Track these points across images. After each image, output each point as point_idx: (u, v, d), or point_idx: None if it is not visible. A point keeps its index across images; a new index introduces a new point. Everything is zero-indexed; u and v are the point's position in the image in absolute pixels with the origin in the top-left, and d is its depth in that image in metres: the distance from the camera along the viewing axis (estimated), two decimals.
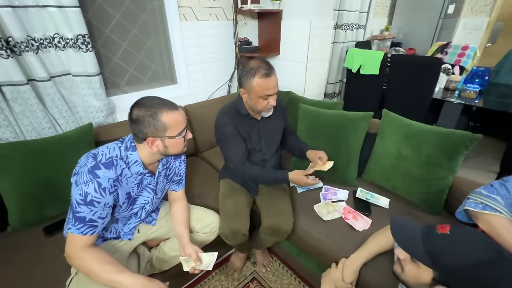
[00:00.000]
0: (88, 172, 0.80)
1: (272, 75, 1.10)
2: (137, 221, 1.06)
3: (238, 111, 1.24)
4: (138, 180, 0.94)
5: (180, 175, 1.14)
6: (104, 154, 0.85)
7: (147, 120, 0.81)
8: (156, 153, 0.90)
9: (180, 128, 0.87)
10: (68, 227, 0.82)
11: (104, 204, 0.82)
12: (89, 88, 1.38)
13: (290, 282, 1.41)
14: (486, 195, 0.88)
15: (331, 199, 1.35)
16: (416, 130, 1.27)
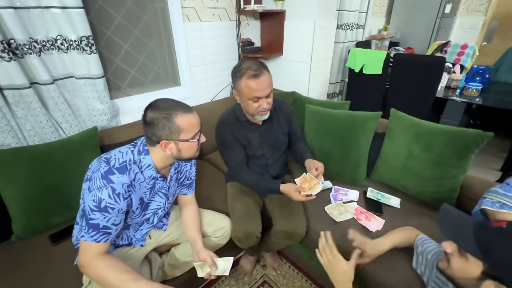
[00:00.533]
0: (102, 178, 0.77)
1: (262, 76, 1.04)
2: (149, 227, 1.04)
3: (237, 117, 1.23)
4: (150, 185, 0.92)
5: (190, 178, 1.11)
6: (117, 158, 0.82)
7: (162, 122, 0.79)
8: (169, 156, 0.87)
9: (195, 131, 0.85)
10: (81, 235, 0.79)
11: (118, 210, 0.80)
12: (93, 91, 1.35)
13: (302, 285, 1.39)
14: (503, 194, 0.87)
15: (341, 199, 1.34)
16: (426, 129, 1.27)
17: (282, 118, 1.30)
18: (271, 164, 1.32)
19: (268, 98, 1.10)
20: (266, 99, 1.09)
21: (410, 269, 0.98)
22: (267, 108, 1.11)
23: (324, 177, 1.48)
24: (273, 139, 1.29)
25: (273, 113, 1.25)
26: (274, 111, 1.26)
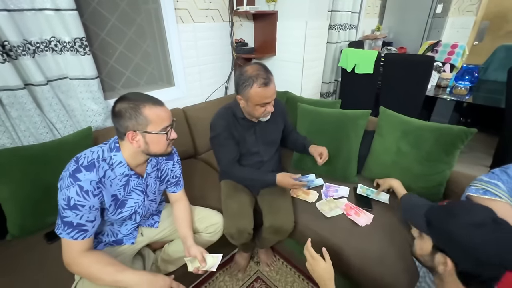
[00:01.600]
0: (69, 176, 0.78)
1: (271, 84, 1.08)
2: (134, 224, 1.04)
3: (234, 113, 1.24)
4: (123, 182, 0.91)
5: (176, 176, 1.11)
6: (86, 157, 0.83)
7: (129, 112, 0.79)
8: (138, 150, 0.87)
9: (163, 125, 0.85)
10: (59, 232, 0.81)
11: (89, 207, 0.80)
12: (87, 92, 1.37)
13: (294, 280, 1.42)
14: (487, 181, 0.91)
15: (332, 196, 1.37)
16: (414, 126, 1.30)
17: (278, 116, 1.33)
18: (266, 161, 1.34)
19: (273, 101, 1.15)
20: (271, 103, 1.14)
21: (398, 261, 1.02)
22: (271, 111, 1.17)
23: (316, 174, 1.53)
24: (268, 136, 1.32)
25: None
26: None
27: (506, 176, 0.89)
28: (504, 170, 0.91)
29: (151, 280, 0.82)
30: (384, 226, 1.17)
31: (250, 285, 1.40)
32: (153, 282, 0.82)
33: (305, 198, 1.38)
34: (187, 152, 1.81)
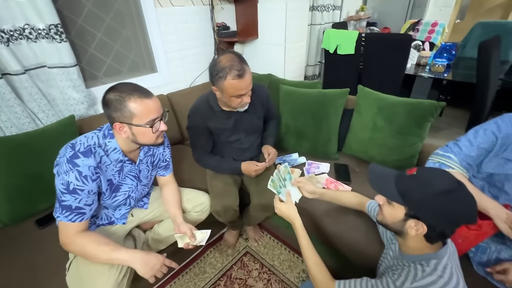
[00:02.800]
0: (67, 162, 0.81)
1: (245, 75, 1.04)
2: (128, 208, 1.09)
3: (210, 106, 1.23)
4: (118, 168, 0.95)
5: (166, 160, 1.16)
6: (82, 143, 0.85)
7: (114, 104, 0.81)
8: (128, 140, 0.89)
9: (149, 118, 0.85)
10: (57, 216, 0.84)
11: (88, 191, 0.84)
12: (67, 80, 1.36)
13: (281, 252, 1.51)
14: (442, 155, 0.99)
15: (314, 172, 1.44)
16: (389, 102, 1.36)
17: (258, 104, 1.30)
18: (247, 148, 1.37)
19: (250, 92, 1.12)
20: (248, 93, 1.11)
21: (372, 228, 1.10)
22: (248, 102, 1.14)
23: (299, 153, 1.59)
24: (249, 125, 1.32)
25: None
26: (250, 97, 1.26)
27: (458, 148, 0.96)
28: (456, 143, 0.98)
29: (145, 258, 0.86)
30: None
31: (239, 259, 1.48)
32: (146, 260, 0.86)
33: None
34: (174, 138, 1.83)
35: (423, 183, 0.62)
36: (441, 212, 0.59)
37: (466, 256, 0.96)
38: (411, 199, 0.62)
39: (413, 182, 0.63)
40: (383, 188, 0.69)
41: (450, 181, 0.60)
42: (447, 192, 0.58)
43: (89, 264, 0.89)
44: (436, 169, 0.68)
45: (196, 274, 1.41)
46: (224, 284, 1.35)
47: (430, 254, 0.64)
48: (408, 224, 0.63)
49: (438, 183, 0.60)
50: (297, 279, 1.36)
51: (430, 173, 0.65)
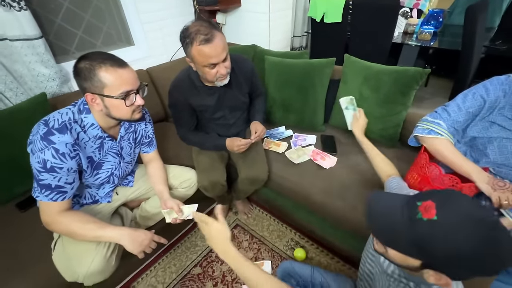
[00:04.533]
0: (42, 139, 0.76)
1: (214, 40, 0.95)
2: (112, 186, 1.06)
3: (192, 82, 1.17)
4: (98, 144, 0.91)
5: (148, 136, 1.12)
6: (56, 119, 0.80)
7: (84, 73, 0.76)
8: (103, 114, 0.84)
9: (122, 89, 0.79)
10: (36, 195, 0.81)
11: (67, 169, 0.80)
12: (33, 54, 1.25)
13: (270, 223, 1.55)
14: (431, 121, 0.99)
15: (301, 144, 1.44)
16: (374, 71, 1.34)
17: (241, 78, 1.24)
18: (232, 123, 1.34)
19: (225, 62, 1.04)
20: (223, 63, 1.02)
21: (356, 196, 1.13)
22: (225, 73, 1.06)
23: (286, 126, 1.58)
24: (233, 101, 1.27)
25: (231, 74, 1.17)
26: (232, 72, 1.18)
27: (446, 114, 0.97)
28: (445, 108, 0.98)
29: (133, 234, 0.86)
30: (346, 167, 1.28)
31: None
32: (134, 236, 0.86)
33: (276, 149, 1.44)
34: (157, 115, 1.77)
35: (448, 234, 0.44)
36: (474, 269, 0.44)
37: None
38: (432, 255, 0.46)
39: (434, 232, 0.45)
40: (390, 239, 0.51)
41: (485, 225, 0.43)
42: (482, 243, 0.42)
43: (75, 242, 0.88)
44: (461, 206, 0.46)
45: (188, 247, 1.43)
46: (216, 255, 1.39)
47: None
48: (426, 272, 0.49)
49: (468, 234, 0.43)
50: (285, 247, 1.42)
51: (454, 214, 0.45)
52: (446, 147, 0.94)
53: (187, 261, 1.36)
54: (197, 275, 1.30)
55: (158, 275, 1.31)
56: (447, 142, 0.95)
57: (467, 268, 0.45)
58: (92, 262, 0.85)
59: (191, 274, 1.31)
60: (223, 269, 1.32)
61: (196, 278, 1.29)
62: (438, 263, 0.46)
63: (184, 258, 1.38)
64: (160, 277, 1.30)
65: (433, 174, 0.95)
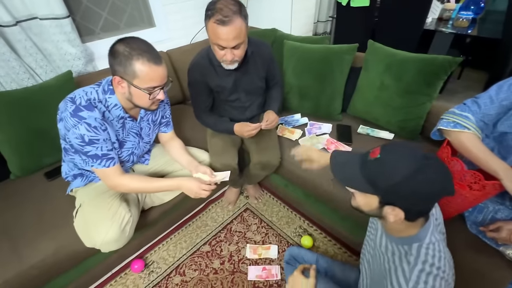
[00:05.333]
0: (72, 116, 0.81)
1: (229, 25, 0.93)
2: (130, 164, 1.13)
3: (210, 60, 1.16)
4: (120, 124, 0.95)
5: (166, 117, 1.16)
6: (81, 97, 0.84)
7: (120, 58, 0.78)
8: (124, 96, 0.88)
9: (151, 84, 0.82)
10: (91, 165, 0.89)
11: (103, 139, 0.87)
12: (60, 33, 1.31)
13: (280, 210, 1.57)
14: (459, 114, 0.92)
15: (315, 133, 1.41)
16: (399, 58, 1.26)
17: (259, 63, 1.22)
18: (247, 106, 1.34)
19: (236, 50, 1.02)
20: (232, 50, 1.01)
21: None
22: (230, 60, 1.04)
23: (301, 114, 1.56)
24: (249, 85, 1.26)
25: (250, 57, 1.18)
26: (251, 56, 1.18)
27: (476, 107, 0.89)
28: (475, 101, 0.90)
29: (186, 185, 0.98)
30: None
31: (239, 215, 1.55)
32: (188, 187, 0.98)
33: (289, 136, 1.42)
34: (175, 98, 1.80)
35: (388, 168, 0.55)
36: (414, 195, 0.54)
37: (461, 215, 0.96)
38: (381, 188, 0.56)
39: (379, 168, 0.57)
40: (350, 179, 0.62)
41: (415, 158, 0.54)
42: (414, 172, 0.52)
43: (94, 212, 0.95)
44: (399, 147, 0.58)
45: (199, 226, 1.49)
46: (225, 235, 1.43)
47: (411, 238, 0.61)
48: (385, 210, 0.59)
49: (403, 165, 0.54)
50: (293, 233, 1.43)
51: (394, 153, 0.57)
52: (473, 142, 0.88)
53: (197, 239, 1.42)
54: (206, 252, 1.36)
55: (170, 249, 1.38)
56: (474, 136, 0.88)
57: (409, 194, 0.54)
58: (109, 231, 0.92)
59: (200, 251, 1.37)
60: (231, 249, 1.37)
61: (205, 256, 1.34)
62: (388, 194, 0.56)
63: (195, 236, 1.44)
64: (171, 251, 1.37)
65: (454, 169, 0.90)
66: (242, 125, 1.21)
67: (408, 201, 0.55)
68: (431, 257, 0.57)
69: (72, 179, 1.06)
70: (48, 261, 0.97)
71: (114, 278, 1.26)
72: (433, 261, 0.57)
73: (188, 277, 1.26)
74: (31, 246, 0.97)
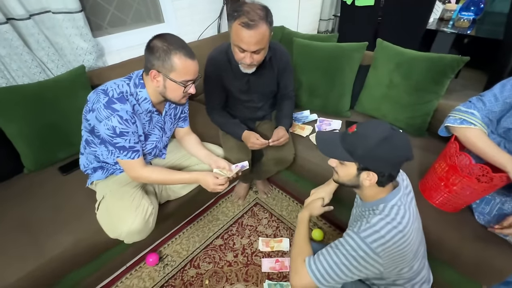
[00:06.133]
0: (105, 108, 0.83)
1: (254, 29, 0.94)
2: (151, 157, 1.15)
3: (229, 58, 1.17)
4: (148, 117, 0.99)
5: (184, 112, 1.19)
6: (114, 89, 0.87)
7: (159, 52, 0.82)
8: (156, 91, 0.91)
9: (186, 77, 0.87)
10: (117, 156, 0.92)
11: (132, 132, 0.90)
12: (73, 28, 1.31)
13: (289, 204, 1.60)
14: (465, 111, 0.97)
15: (325, 129, 1.45)
16: (408, 57, 1.30)
17: (275, 68, 1.24)
18: (260, 107, 1.36)
19: (256, 55, 1.03)
20: (252, 54, 1.02)
21: None
22: (248, 63, 1.05)
23: (310, 110, 1.59)
24: (262, 88, 1.28)
25: (267, 62, 1.19)
26: (269, 61, 1.20)
27: (481, 104, 0.94)
28: (480, 98, 0.95)
29: (203, 180, 1.02)
30: None
31: (250, 209, 1.58)
32: (204, 182, 1.02)
33: (300, 132, 1.46)
34: None
35: (363, 137, 0.67)
36: (384, 158, 0.66)
37: (468, 207, 1.01)
38: (358, 154, 0.68)
39: (356, 139, 0.68)
40: (333, 151, 0.73)
41: (384, 129, 0.66)
42: (384, 140, 0.64)
43: (118, 204, 0.97)
44: (372, 122, 0.71)
45: (210, 221, 1.52)
46: (236, 229, 1.46)
47: (381, 199, 0.72)
48: (361, 177, 0.70)
49: (375, 134, 0.66)
50: None
51: (367, 126, 0.69)
52: (479, 137, 0.92)
53: (209, 233, 1.45)
54: (219, 246, 1.38)
55: (183, 243, 1.40)
56: (480, 132, 0.93)
57: (381, 157, 0.66)
58: (133, 222, 0.93)
59: (213, 244, 1.39)
60: (243, 242, 1.39)
61: (218, 249, 1.37)
62: (364, 159, 0.68)
63: (207, 230, 1.46)
64: (184, 245, 1.39)
65: (463, 164, 0.94)
66: (250, 135, 1.21)
67: (379, 165, 0.67)
68: (394, 213, 0.67)
69: (92, 172, 1.07)
70: (68, 254, 0.98)
71: (130, 271, 1.28)
72: (394, 216, 0.66)
73: (202, 269, 1.28)
74: (51, 239, 0.97)
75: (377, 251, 0.63)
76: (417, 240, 0.70)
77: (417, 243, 0.71)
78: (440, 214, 1.01)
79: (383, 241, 0.63)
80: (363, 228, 0.66)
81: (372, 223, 0.66)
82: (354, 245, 0.66)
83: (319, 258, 0.71)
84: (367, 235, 0.64)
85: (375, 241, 0.63)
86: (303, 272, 0.71)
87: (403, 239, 0.64)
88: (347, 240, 0.68)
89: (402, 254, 0.65)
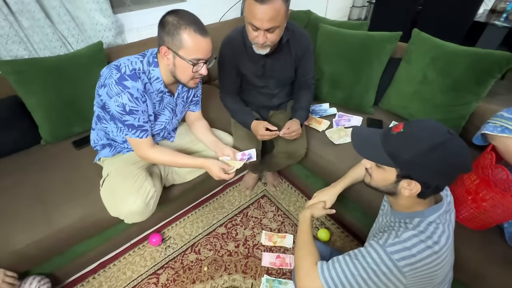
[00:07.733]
0: (117, 84, 0.82)
1: (264, 5, 0.86)
2: (160, 139, 1.14)
3: (244, 41, 1.10)
4: (159, 98, 0.96)
5: (197, 95, 1.16)
6: (127, 65, 0.85)
7: (169, 27, 0.79)
8: (168, 69, 0.88)
9: (196, 55, 0.82)
10: (125, 134, 0.91)
11: (142, 111, 0.88)
12: (93, 2, 1.30)
13: (297, 200, 1.54)
14: (508, 117, 0.84)
15: (344, 125, 1.35)
16: (447, 51, 1.16)
17: (293, 52, 1.15)
18: (275, 94, 1.29)
19: (269, 34, 0.95)
20: (265, 33, 0.94)
21: None
22: (261, 43, 0.97)
23: (330, 104, 1.49)
24: (279, 74, 1.20)
25: (284, 45, 1.12)
26: (286, 44, 1.12)
27: None
28: None
29: (208, 167, 0.99)
30: None
31: (256, 200, 1.54)
32: (210, 169, 0.99)
33: (316, 126, 1.37)
34: None
35: (411, 140, 0.57)
36: (434, 168, 0.55)
37: (499, 227, 0.89)
38: (402, 160, 0.57)
39: (402, 141, 0.58)
40: (371, 152, 0.63)
41: (439, 133, 0.55)
42: (438, 146, 0.54)
43: (121, 183, 0.97)
44: (423, 122, 0.59)
45: (215, 208, 1.50)
46: (241, 220, 1.44)
47: (416, 212, 0.63)
48: (401, 185, 0.60)
49: (427, 138, 0.55)
50: None
51: (418, 127, 0.58)
52: None
53: (213, 220, 1.44)
54: (221, 234, 1.37)
55: (186, 227, 1.41)
56: None
57: (431, 166, 0.55)
58: (134, 203, 0.93)
59: (216, 232, 1.38)
60: (246, 233, 1.37)
61: (220, 237, 1.36)
62: (409, 166, 0.57)
63: (211, 217, 1.45)
64: (188, 229, 1.40)
65: (498, 178, 0.83)
66: (259, 124, 1.14)
67: (427, 175, 0.56)
68: (430, 232, 0.58)
69: (101, 149, 1.07)
70: (75, 227, 1.01)
71: (133, 248, 1.31)
72: (430, 235, 0.57)
73: (203, 256, 1.28)
74: (60, 211, 1.00)
75: (403, 270, 0.55)
76: (449, 264, 0.61)
77: (449, 267, 0.62)
78: (463, 229, 0.91)
79: (412, 261, 0.55)
80: (391, 242, 0.58)
81: (402, 238, 0.58)
82: (377, 259, 0.58)
83: (334, 265, 0.64)
84: (395, 251, 0.57)
85: (403, 259, 0.56)
86: (314, 276, 0.66)
87: (436, 261, 0.56)
88: (369, 252, 0.60)
89: (431, 277, 0.57)
